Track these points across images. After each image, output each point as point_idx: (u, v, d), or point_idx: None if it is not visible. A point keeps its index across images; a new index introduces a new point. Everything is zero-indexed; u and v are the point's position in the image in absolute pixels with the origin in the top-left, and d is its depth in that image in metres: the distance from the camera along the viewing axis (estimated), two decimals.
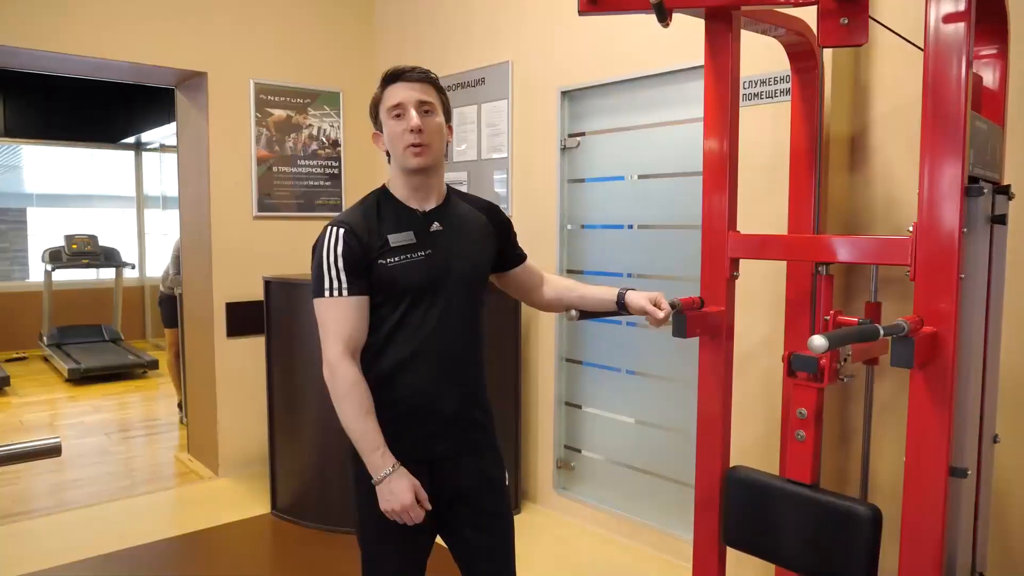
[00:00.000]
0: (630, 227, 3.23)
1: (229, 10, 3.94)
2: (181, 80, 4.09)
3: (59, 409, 5.77)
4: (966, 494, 1.74)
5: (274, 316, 3.50)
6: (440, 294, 1.56)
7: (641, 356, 3.20)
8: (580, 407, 3.47)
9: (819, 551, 1.83)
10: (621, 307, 1.74)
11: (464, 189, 3.92)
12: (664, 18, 1.88)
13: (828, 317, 1.84)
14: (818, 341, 1.31)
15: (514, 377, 3.49)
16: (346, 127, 4.37)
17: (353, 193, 4.42)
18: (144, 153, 9.16)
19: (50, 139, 8.47)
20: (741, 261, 2.04)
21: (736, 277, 2.06)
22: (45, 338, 7.66)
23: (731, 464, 2.10)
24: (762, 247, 2.02)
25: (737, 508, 2.00)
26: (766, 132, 2.59)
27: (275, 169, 4.14)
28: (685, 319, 1.96)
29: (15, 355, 7.75)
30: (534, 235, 3.52)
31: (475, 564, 1.67)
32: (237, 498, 3.74)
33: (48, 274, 7.68)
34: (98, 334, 7.93)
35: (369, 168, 4.45)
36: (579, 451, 3.48)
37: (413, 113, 1.54)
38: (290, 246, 4.11)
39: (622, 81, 3.11)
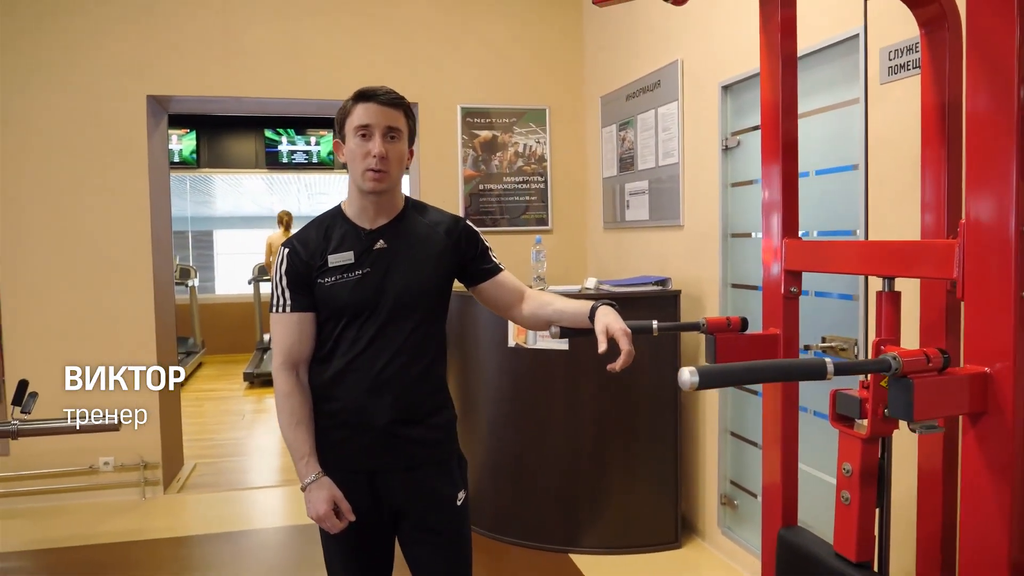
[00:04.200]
0: (804, 235, 2.75)
1: (436, 41, 4.28)
2: None
3: None
4: None
5: (451, 325, 3.70)
6: (376, 313, 1.58)
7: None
8: (755, 444, 3.03)
9: None
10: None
11: (646, 199, 3.71)
12: None
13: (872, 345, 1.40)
14: (685, 375, 1.00)
15: (672, 397, 3.21)
16: (552, 142, 4.45)
17: (561, 206, 4.48)
18: None
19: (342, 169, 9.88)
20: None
21: (796, 293, 1.67)
22: None
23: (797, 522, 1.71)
24: (816, 257, 1.61)
25: None
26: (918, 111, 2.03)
27: (481, 187, 4.37)
28: (715, 342, 1.66)
29: None
30: (698, 246, 3.21)
31: None
32: None
33: None
34: None
35: (577, 180, 4.46)
36: (754, 495, 3.03)
37: (378, 139, 1.56)
38: None
39: None
